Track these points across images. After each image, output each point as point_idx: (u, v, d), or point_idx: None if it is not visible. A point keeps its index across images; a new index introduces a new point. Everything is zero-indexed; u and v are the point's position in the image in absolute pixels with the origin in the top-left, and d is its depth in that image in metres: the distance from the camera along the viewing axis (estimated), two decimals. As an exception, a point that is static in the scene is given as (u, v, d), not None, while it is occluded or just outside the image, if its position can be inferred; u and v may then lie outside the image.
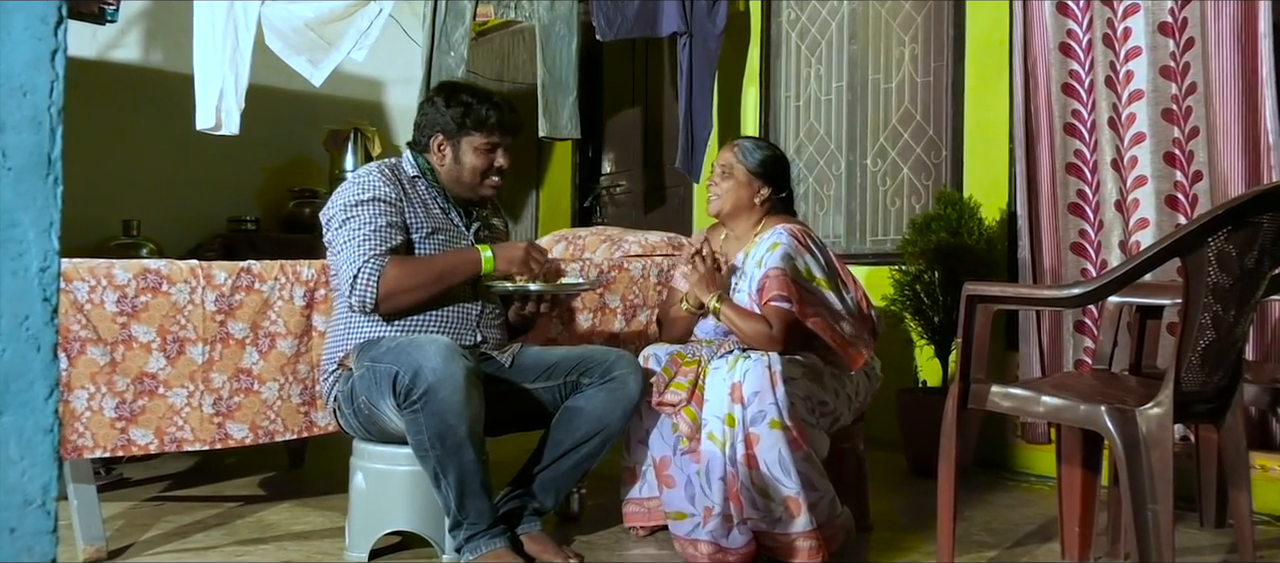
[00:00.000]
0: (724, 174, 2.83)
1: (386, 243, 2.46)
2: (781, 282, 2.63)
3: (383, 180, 2.53)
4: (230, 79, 4.28)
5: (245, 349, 2.69)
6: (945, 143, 4.16)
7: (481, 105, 2.59)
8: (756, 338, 2.62)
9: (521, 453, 2.67)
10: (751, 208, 2.83)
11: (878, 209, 4.47)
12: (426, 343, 2.28)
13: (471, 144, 2.59)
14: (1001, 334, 3.77)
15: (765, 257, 2.70)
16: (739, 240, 2.87)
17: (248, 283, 2.71)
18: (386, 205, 2.50)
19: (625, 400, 2.52)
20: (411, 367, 2.23)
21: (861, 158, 4.53)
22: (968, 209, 3.70)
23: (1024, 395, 2.20)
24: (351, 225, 2.48)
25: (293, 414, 2.77)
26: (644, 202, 5.85)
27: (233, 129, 4.33)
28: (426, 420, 2.24)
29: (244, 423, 2.69)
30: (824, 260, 2.78)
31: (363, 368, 2.41)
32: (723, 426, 2.49)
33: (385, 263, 2.42)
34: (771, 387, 2.48)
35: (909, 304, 3.74)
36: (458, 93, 2.62)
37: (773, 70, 4.94)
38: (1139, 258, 1.98)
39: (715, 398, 2.52)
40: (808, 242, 2.76)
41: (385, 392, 2.31)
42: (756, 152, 2.83)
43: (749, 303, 2.73)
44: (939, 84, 4.20)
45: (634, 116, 5.97)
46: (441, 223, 2.60)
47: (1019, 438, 3.72)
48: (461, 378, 2.22)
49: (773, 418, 2.46)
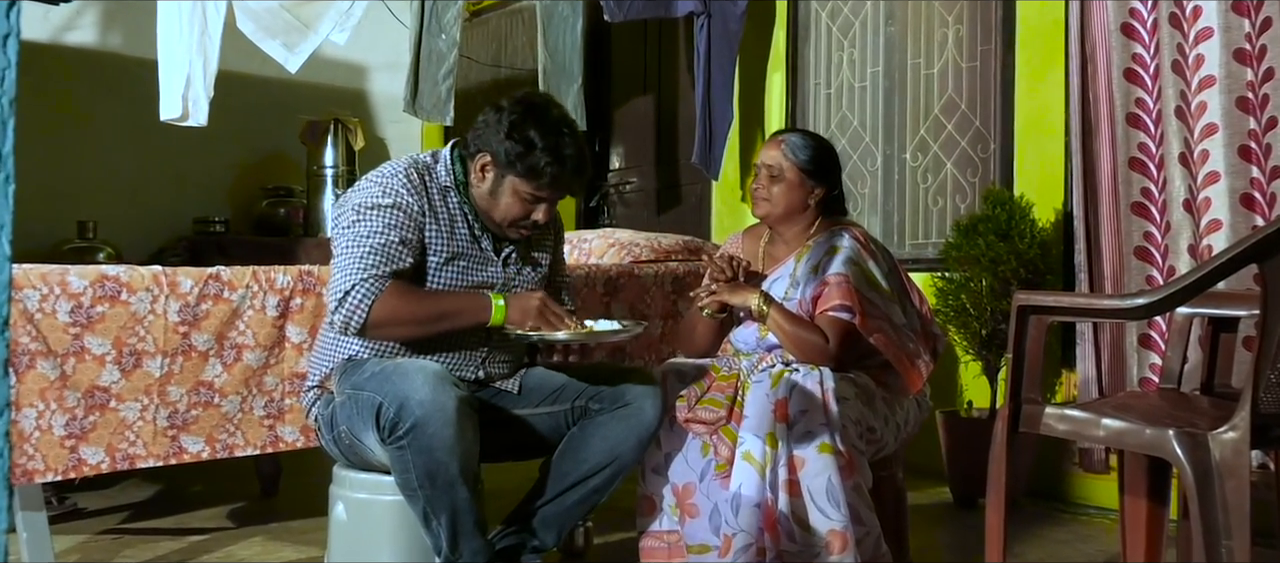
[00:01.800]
0: (773, 176, 2.82)
1: (391, 263, 2.37)
2: (844, 290, 2.63)
3: (408, 187, 2.45)
4: (198, 65, 4.30)
5: (207, 361, 2.70)
6: (993, 135, 4.15)
7: (545, 155, 2.43)
8: (809, 349, 2.61)
9: (521, 482, 2.67)
10: (805, 210, 2.83)
11: (918, 209, 4.46)
12: (413, 370, 2.26)
13: (515, 187, 2.46)
14: (1056, 350, 3.75)
15: (824, 262, 2.71)
16: (788, 245, 2.87)
17: (215, 291, 2.72)
18: (404, 217, 2.41)
19: (640, 429, 2.51)
20: (396, 397, 2.21)
21: (899, 152, 4.52)
22: (1018, 209, 3.69)
23: (1082, 418, 2.18)
24: (358, 230, 2.40)
25: (255, 428, 2.77)
26: (657, 201, 5.85)
27: (200, 120, 4.35)
28: (414, 457, 2.22)
29: (200, 437, 2.69)
30: (888, 268, 2.78)
31: (344, 394, 2.40)
32: (763, 446, 2.48)
33: (384, 286, 2.35)
34: (823, 406, 2.47)
35: (953, 316, 3.73)
36: (529, 123, 2.45)
37: (800, 55, 4.94)
38: (1211, 264, 1.97)
39: (756, 415, 2.51)
40: (870, 246, 2.77)
41: (368, 424, 2.29)
42: (806, 147, 2.82)
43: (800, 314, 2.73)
44: (986, 70, 4.19)
45: (646, 107, 5.97)
46: (465, 248, 2.52)
47: (1076, 466, 3.70)
48: (453, 410, 2.20)
49: (823, 441, 2.45)
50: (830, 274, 2.67)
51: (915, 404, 2.82)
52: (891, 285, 2.74)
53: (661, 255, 3.70)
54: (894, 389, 2.71)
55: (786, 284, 2.80)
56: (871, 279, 2.70)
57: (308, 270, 2.86)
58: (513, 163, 2.43)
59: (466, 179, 2.54)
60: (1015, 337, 2.24)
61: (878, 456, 2.71)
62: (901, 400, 2.74)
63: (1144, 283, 3.46)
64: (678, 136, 5.67)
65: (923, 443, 3.49)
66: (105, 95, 5.31)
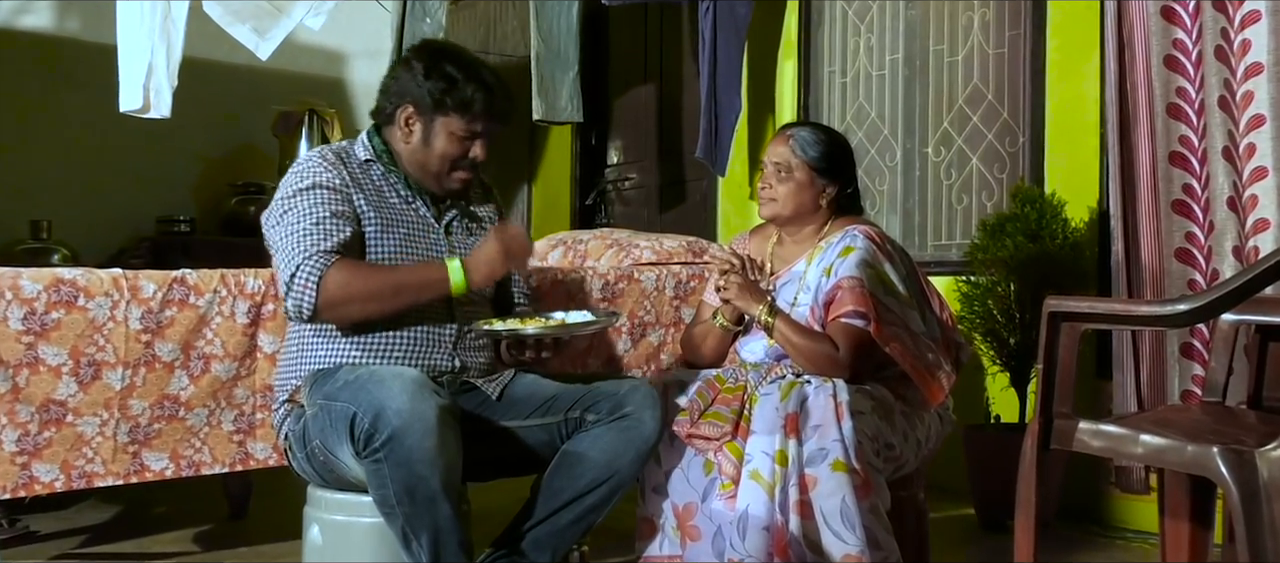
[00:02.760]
0: (781, 174, 2.83)
1: (332, 237, 2.43)
2: (857, 295, 2.63)
3: (325, 165, 2.52)
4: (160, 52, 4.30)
5: (173, 373, 2.70)
6: (1023, 128, 4.15)
7: (469, 84, 2.57)
8: (819, 361, 2.62)
9: (510, 502, 2.67)
10: (816, 210, 2.84)
11: (941, 208, 4.46)
12: (390, 377, 2.26)
13: (447, 127, 2.57)
14: (1091, 359, 3.75)
15: (836, 264, 2.71)
16: (799, 246, 2.88)
17: (181, 296, 2.72)
18: (330, 192, 2.48)
19: (639, 443, 2.51)
20: (372, 407, 2.22)
21: (921, 146, 4.53)
22: (1050, 208, 3.69)
23: (1119, 434, 2.18)
24: (289, 218, 2.46)
25: (223, 444, 2.77)
26: (659, 199, 5.85)
27: (163, 111, 4.35)
28: (392, 471, 2.22)
29: (163, 453, 2.69)
30: (906, 271, 2.78)
31: (315, 406, 2.40)
32: (772, 464, 2.48)
33: (329, 262, 2.39)
34: (836, 420, 2.47)
35: (979, 323, 3.73)
36: (442, 61, 2.59)
37: (814, 40, 4.94)
38: (1259, 266, 1.97)
39: (764, 430, 2.51)
40: (887, 246, 2.77)
41: (342, 436, 2.30)
42: (816, 142, 2.83)
43: (811, 320, 2.73)
44: (1015, 57, 4.20)
45: (647, 96, 5.97)
46: (401, 215, 2.58)
47: (1113, 486, 3.70)
48: (433, 419, 2.20)
49: (836, 458, 2.45)
50: (843, 277, 2.68)
51: (937, 418, 2.82)
52: (909, 290, 2.74)
53: (664, 258, 3.70)
54: (913, 402, 2.71)
55: (796, 288, 2.81)
56: (887, 283, 2.70)
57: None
58: (440, 102, 2.55)
59: (388, 150, 2.62)
60: (1046, 346, 2.24)
61: (897, 474, 2.71)
62: (922, 415, 2.74)
63: (1185, 287, 3.46)
64: (681, 129, 5.68)
65: (946, 460, 3.49)
66: (61, 85, 5.31)
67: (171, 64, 4.33)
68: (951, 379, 2.73)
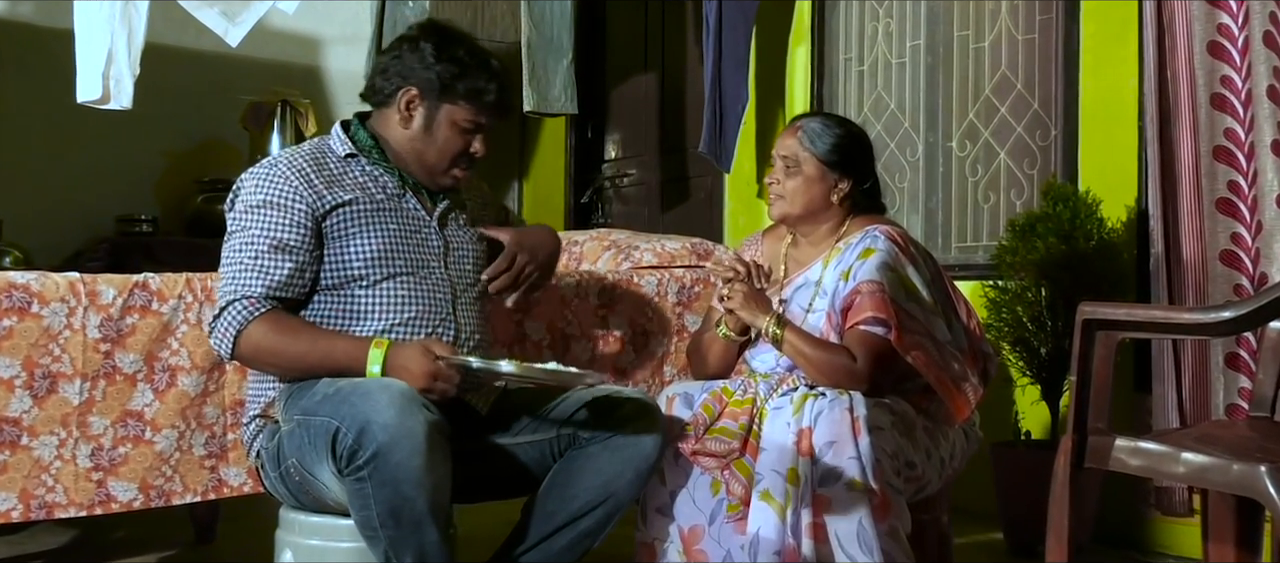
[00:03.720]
0: (789, 168, 2.83)
1: (266, 278, 2.43)
2: (878, 300, 2.63)
3: (291, 174, 2.49)
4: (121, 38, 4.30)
5: (136, 387, 2.70)
6: (1054, 120, 4.15)
7: (482, 73, 2.56)
8: (834, 373, 2.62)
9: (499, 525, 2.67)
10: (828, 207, 2.85)
11: (966, 206, 4.46)
12: (376, 389, 2.26)
13: (453, 116, 2.56)
14: (1128, 371, 3.75)
15: (856, 267, 2.71)
16: (814, 247, 2.88)
17: (143, 302, 2.72)
18: (282, 212, 2.46)
19: (638, 461, 2.51)
20: (356, 421, 2.22)
21: (944, 140, 4.53)
22: (1084, 207, 3.70)
23: (1159, 452, 2.18)
24: (234, 240, 2.49)
25: (194, 470, 2.77)
26: (660, 197, 5.85)
27: (124, 102, 4.35)
28: (376, 491, 2.22)
29: (131, 482, 2.69)
30: (930, 275, 2.78)
31: (292, 421, 2.40)
32: (783, 483, 2.48)
33: (254, 314, 2.40)
34: (853, 436, 2.47)
35: (1007, 332, 3.73)
36: (453, 44, 2.58)
37: (828, 25, 4.95)
38: (1309, 270, 1.97)
39: (774, 447, 2.51)
40: (909, 248, 2.77)
41: (322, 453, 2.30)
42: (828, 134, 2.83)
43: (827, 328, 2.73)
44: (1047, 43, 4.20)
45: (647, 86, 5.98)
46: (390, 210, 2.57)
47: (1152, 508, 3.70)
48: (422, 435, 2.20)
49: (852, 477, 2.45)
50: (862, 281, 2.67)
51: (962, 435, 2.82)
52: (934, 296, 2.74)
53: (666, 261, 3.70)
54: (937, 418, 2.71)
55: (812, 293, 2.81)
56: (910, 288, 2.70)
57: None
58: (449, 87, 2.55)
59: (374, 141, 2.61)
60: (1080, 356, 2.24)
61: (918, 495, 2.71)
62: (946, 431, 2.74)
63: (1231, 293, 3.46)
64: (684, 121, 5.68)
65: (972, 480, 3.49)
66: (13, 73, 5.31)
67: (133, 51, 4.33)
68: (979, 393, 2.72)
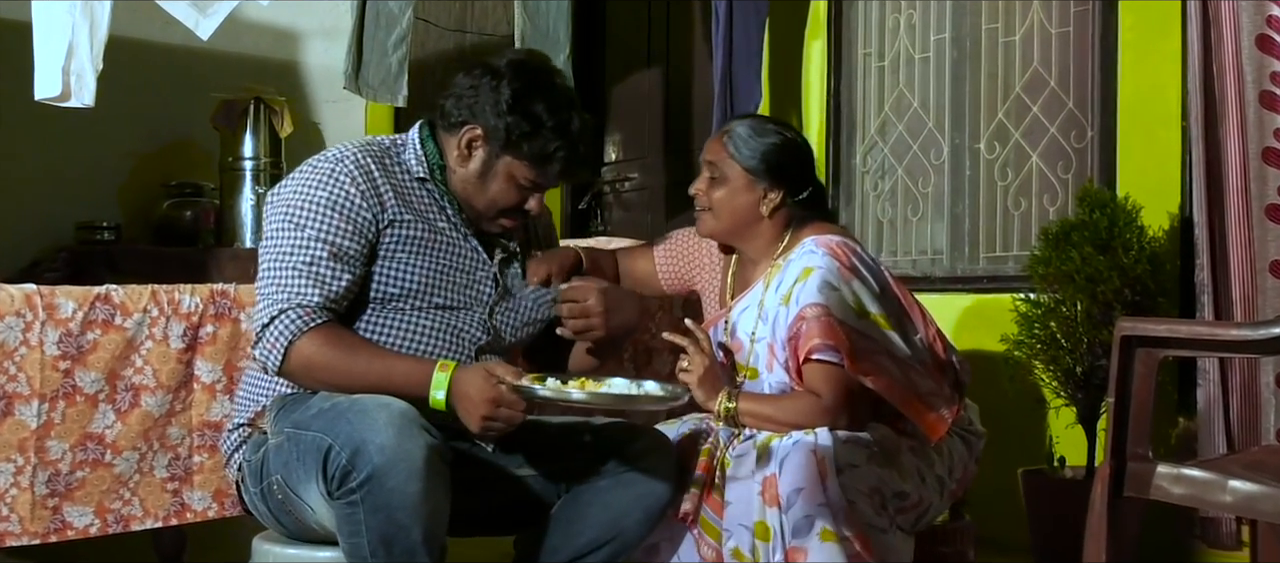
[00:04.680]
0: (712, 178, 2.81)
1: (323, 287, 2.40)
2: (824, 324, 2.61)
3: (355, 178, 2.47)
4: (83, 30, 4.31)
5: (97, 407, 2.70)
6: (1091, 120, 4.15)
7: (555, 137, 2.50)
8: (806, 420, 2.60)
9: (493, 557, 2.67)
10: (757, 220, 2.82)
11: (995, 213, 4.46)
12: (373, 407, 2.26)
13: (512, 170, 2.53)
14: (1171, 392, 3.75)
15: (796, 290, 2.68)
16: (755, 264, 2.87)
17: (105, 316, 2.72)
18: (342, 221, 2.44)
19: (650, 501, 2.52)
20: (351, 440, 2.21)
21: (972, 141, 4.53)
22: (1122, 214, 3.69)
23: (1204, 479, 2.18)
24: (282, 243, 2.43)
25: (156, 494, 2.77)
26: (665, 202, 5.86)
27: (86, 100, 4.36)
28: (368, 517, 2.22)
29: (88, 507, 2.69)
30: (877, 285, 2.75)
31: (281, 434, 2.40)
32: (751, 539, 2.48)
33: (309, 324, 2.38)
34: (820, 480, 2.46)
35: (1040, 349, 3.73)
36: (536, 95, 2.51)
37: (846, 17, 4.95)
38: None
39: (741, 498, 2.51)
40: (852, 260, 2.74)
41: (311, 472, 2.29)
42: (755, 140, 2.80)
43: (768, 360, 2.72)
44: (1082, 36, 4.20)
45: (651, 84, 5.99)
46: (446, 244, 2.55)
47: (1198, 540, 3.70)
48: (420, 460, 2.20)
49: (824, 526, 2.45)
50: (805, 306, 2.64)
51: (960, 442, 2.80)
52: (885, 309, 2.72)
53: (670, 271, 3.70)
54: (922, 435, 2.70)
55: (754, 316, 2.78)
56: (856, 306, 2.67)
57: (222, 290, 2.86)
58: (516, 144, 2.50)
59: (443, 162, 2.58)
60: (1118, 375, 2.24)
61: (923, 522, 2.70)
62: (939, 446, 2.73)
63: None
64: (691, 121, 5.69)
65: (1001, 509, 3.49)
66: (-34, 68, 5.32)
67: (96, 44, 4.33)
68: (953, 406, 2.70)
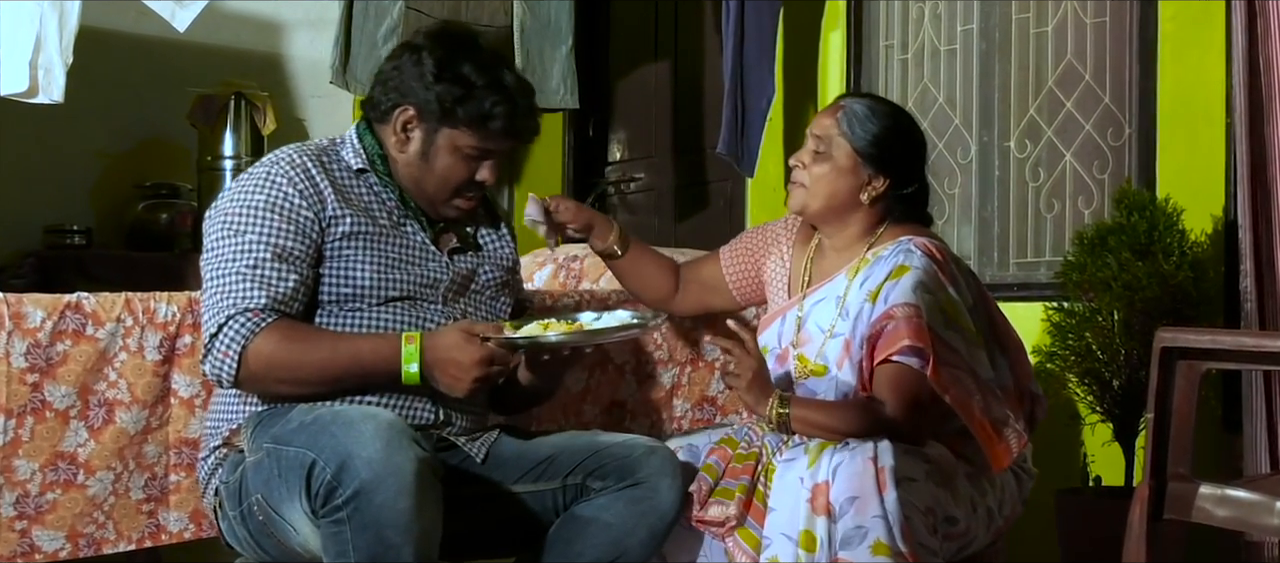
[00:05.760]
0: (818, 152, 2.79)
1: (270, 289, 2.43)
2: (914, 326, 2.59)
3: (292, 178, 2.50)
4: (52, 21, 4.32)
5: (68, 424, 2.70)
6: (1129, 117, 4.15)
7: (489, 94, 2.54)
8: (866, 431, 2.57)
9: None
10: (855, 207, 2.80)
11: (1026, 216, 4.46)
12: (359, 418, 2.26)
13: (454, 141, 2.56)
14: (1215, 407, 3.74)
15: (887, 288, 2.67)
16: (839, 253, 2.86)
17: (76, 326, 2.72)
18: (284, 219, 2.47)
19: (654, 519, 2.52)
20: (337, 454, 2.22)
21: (1001, 139, 4.53)
22: (1162, 217, 3.69)
23: (1250, 501, 2.18)
24: (226, 248, 2.47)
25: (130, 516, 2.77)
26: (673, 203, 5.86)
27: (55, 95, 4.37)
28: (356, 536, 2.22)
29: (59, 530, 2.69)
30: (972, 298, 2.75)
31: (260, 451, 2.40)
32: (795, 549, 2.47)
33: (259, 325, 2.40)
34: (877, 491, 2.44)
35: (1074, 362, 3.72)
36: (459, 57, 2.56)
37: (867, 7, 4.95)
38: None
39: (786, 507, 2.50)
40: (951, 268, 2.73)
41: (294, 490, 2.30)
42: (872, 118, 2.78)
43: (840, 357, 2.73)
44: (1119, 27, 4.20)
45: (658, 78, 5.99)
46: (388, 238, 2.58)
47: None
48: (411, 475, 2.20)
49: (877, 539, 2.43)
50: (895, 305, 2.63)
51: (1012, 478, 2.79)
52: (976, 324, 2.71)
53: (678, 278, 3.70)
54: (981, 462, 2.69)
55: (833, 309, 2.78)
56: (951, 313, 2.66)
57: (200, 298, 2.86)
58: (451, 112, 2.54)
59: (384, 155, 2.62)
60: (1158, 390, 2.24)
61: (963, 553, 2.69)
62: (992, 477, 2.72)
63: (1334, 317, 3.45)
64: (701, 118, 5.69)
65: (1033, 531, 3.49)
66: (-73, 62, 5.33)
67: (65, 36, 4.34)
68: (1022, 440, 2.68)
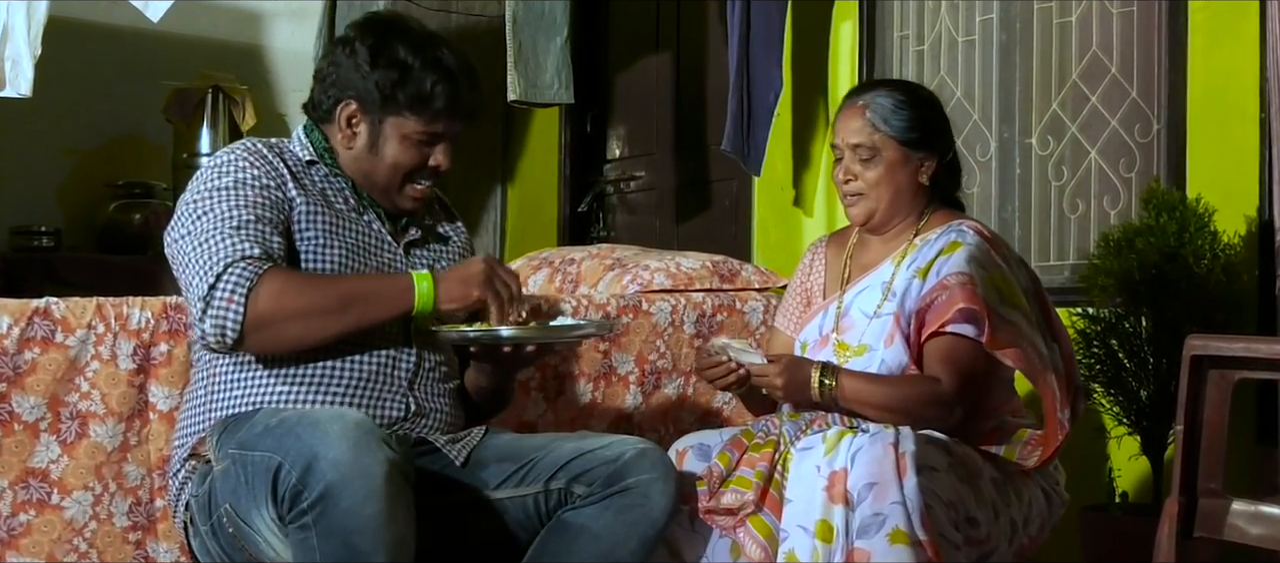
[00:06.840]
0: (866, 157, 2.84)
1: (261, 241, 2.48)
2: (968, 292, 2.64)
3: (251, 161, 2.58)
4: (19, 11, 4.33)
5: (38, 438, 2.70)
6: (1157, 112, 4.16)
7: (427, 74, 2.61)
8: (916, 407, 2.63)
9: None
10: (916, 192, 2.88)
11: (1048, 216, 4.46)
12: (325, 419, 2.27)
13: (401, 129, 2.63)
14: (1248, 419, 3.75)
15: (939, 263, 2.73)
16: (886, 244, 2.91)
17: (44, 333, 2.72)
18: (256, 191, 2.54)
19: (645, 525, 2.52)
20: (302, 456, 2.22)
21: (1022, 136, 4.53)
22: (1193, 217, 3.69)
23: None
24: (204, 223, 2.49)
25: (115, 544, 2.76)
26: (675, 204, 5.86)
27: (23, 89, 4.38)
28: (322, 542, 2.22)
29: (36, 556, 2.69)
30: (1026, 282, 2.81)
31: (226, 458, 2.41)
32: (811, 540, 2.48)
33: (260, 270, 2.43)
34: (897, 476, 2.46)
35: (1100, 369, 3.73)
36: (392, 42, 2.63)
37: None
38: None
39: (802, 496, 2.52)
40: (1002, 248, 2.80)
41: (260, 496, 2.30)
42: (900, 107, 2.85)
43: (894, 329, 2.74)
44: (1147, 16, 4.20)
45: (659, 71, 5.99)
46: (349, 225, 2.64)
47: (1279, 586, 3.70)
48: (380, 477, 2.20)
49: (896, 526, 2.44)
50: (949, 275, 2.69)
51: (1042, 496, 2.81)
52: (1031, 305, 2.76)
53: (682, 283, 3.71)
54: (1010, 471, 2.70)
55: (879, 295, 2.82)
56: (1006, 292, 2.71)
57: (177, 303, 2.85)
58: (391, 97, 2.60)
59: (331, 149, 2.69)
60: (1188, 400, 2.25)
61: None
62: (1020, 487, 2.73)
63: (1374, 323, 3.46)
64: (704, 114, 5.69)
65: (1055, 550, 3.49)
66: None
67: (34, 27, 4.35)
68: (1065, 431, 2.72)
